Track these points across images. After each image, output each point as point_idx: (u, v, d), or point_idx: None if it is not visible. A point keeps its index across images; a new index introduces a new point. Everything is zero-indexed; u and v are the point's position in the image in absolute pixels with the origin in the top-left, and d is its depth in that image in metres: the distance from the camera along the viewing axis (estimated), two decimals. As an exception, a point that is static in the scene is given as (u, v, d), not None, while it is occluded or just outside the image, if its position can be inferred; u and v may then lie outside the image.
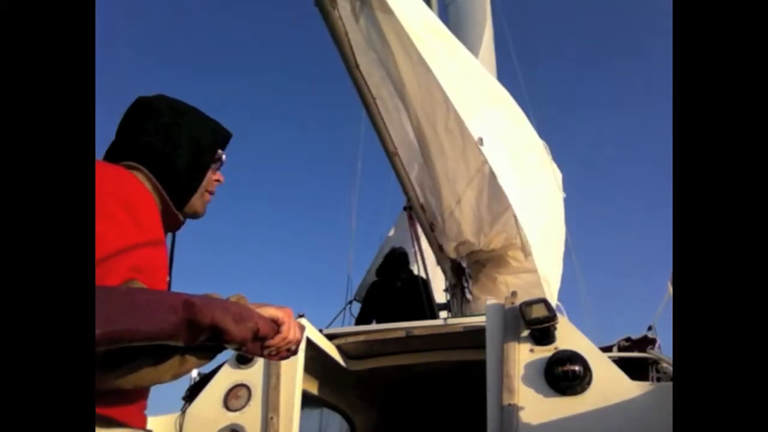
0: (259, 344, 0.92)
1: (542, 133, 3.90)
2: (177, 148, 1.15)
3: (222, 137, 1.26)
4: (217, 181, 1.25)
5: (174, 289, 1.13)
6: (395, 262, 4.44)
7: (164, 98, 1.21)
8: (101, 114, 0.96)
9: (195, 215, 1.22)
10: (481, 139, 2.84)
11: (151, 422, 2.10)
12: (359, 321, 4.37)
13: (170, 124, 1.16)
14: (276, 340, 0.94)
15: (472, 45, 6.23)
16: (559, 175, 4.28)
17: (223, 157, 1.25)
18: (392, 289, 4.25)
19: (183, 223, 1.19)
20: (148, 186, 1.09)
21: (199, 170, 1.19)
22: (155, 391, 1.05)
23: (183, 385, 2.74)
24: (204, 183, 1.20)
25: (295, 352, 1.02)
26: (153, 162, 1.11)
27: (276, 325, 0.94)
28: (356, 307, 5.01)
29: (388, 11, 2.51)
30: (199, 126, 1.21)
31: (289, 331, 0.96)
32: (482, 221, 3.54)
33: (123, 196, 0.96)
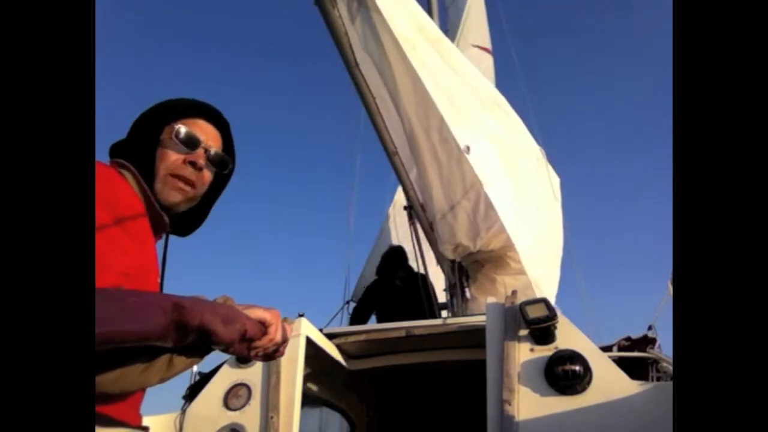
0: (246, 345, 0.93)
1: (541, 133, 3.91)
2: (129, 134, 1.12)
3: (173, 110, 1.13)
4: (191, 164, 1.11)
5: (167, 291, 1.12)
6: (394, 261, 4.43)
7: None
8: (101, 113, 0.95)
9: (170, 207, 1.11)
10: (468, 147, 2.84)
11: (151, 421, 2.12)
12: (353, 317, 4.37)
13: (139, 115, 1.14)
14: (263, 342, 0.95)
15: (469, 45, 6.24)
16: (556, 180, 4.28)
17: (182, 130, 1.11)
18: (392, 287, 4.26)
19: (168, 223, 1.12)
20: (134, 185, 1.06)
21: (142, 150, 1.09)
22: (155, 390, 1.05)
23: (183, 384, 2.75)
24: (163, 165, 1.09)
25: (282, 353, 1.03)
26: (124, 156, 1.09)
27: (263, 326, 0.95)
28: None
29: (383, 15, 2.51)
30: (153, 106, 1.14)
31: (276, 333, 0.97)
32: (478, 228, 3.54)
33: (108, 198, 0.93)
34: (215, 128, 1.19)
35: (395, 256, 4.47)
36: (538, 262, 3.64)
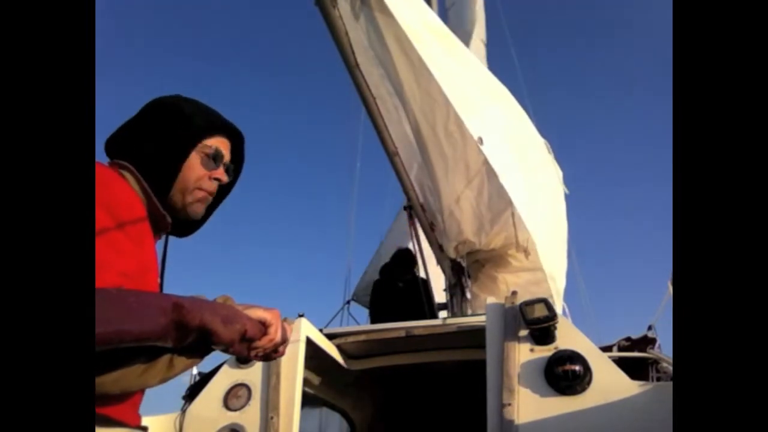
0: (246, 345, 0.93)
1: (542, 131, 3.91)
2: (148, 140, 1.10)
3: (208, 128, 1.16)
4: (216, 179, 1.16)
5: (167, 291, 1.12)
6: (401, 263, 4.41)
7: (172, 96, 1.16)
8: (101, 111, 0.95)
9: (186, 216, 1.14)
10: (480, 139, 2.84)
11: (151, 422, 2.12)
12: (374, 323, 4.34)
13: (150, 116, 1.13)
14: (263, 342, 0.95)
15: (474, 50, 6.24)
16: (560, 173, 4.28)
17: (222, 151, 1.16)
18: (394, 288, 4.25)
19: (170, 224, 1.13)
20: (134, 186, 1.06)
21: (169, 162, 1.10)
22: (155, 390, 1.05)
23: (183, 384, 2.75)
24: (188, 178, 1.12)
25: (282, 353, 1.03)
26: (133, 158, 1.09)
27: (263, 326, 0.95)
28: (354, 307, 5.03)
29: (387, 12, 2.50)
30: (179, 117, 1.13)
31: (276, 333, 0.97)
32: (483, 220, 3.54)
33: (106, 199, 0.93)
34: (229, 141, 1.23)
35: (403, 257, 4.44)
36: (552, 255, 3.63)
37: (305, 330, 2.35)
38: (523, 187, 3.23)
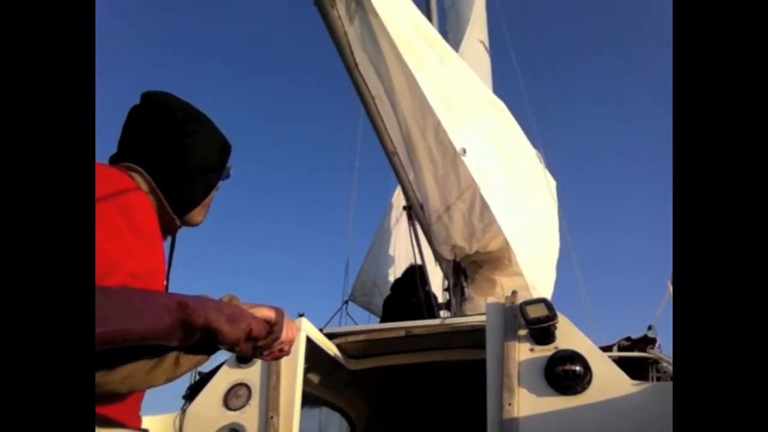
0: (252, 344, 0.93)
1: (542, 132, 3.92)
2: (187, 165, 1.13)
3: (229, 152, 1.26)
4: (216, 189, 1.25)
5: (174, 291, 1.13)
6: (413, 278, 4.34)
7: (174, 101, 1.18)
8: (100, 112, 0.95)
9: (194, 224, 1.22)
10: (463, 149, 2.84)
11: (151, 421, 2.12)
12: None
13: (183, 136, 1.14)
14: (268, 341, 0.95)
15: (469, 48, 6.24)
16: (552, 183, 4.29)
17: (231, 171, 1.26)
18: (406, 305, 4.19)
19: (179, 227, 1.17)
20: (145, 188, 1.07)
21: (208, 188, 1.19)
22: (155, 390, 1.05)
23: (183, 384, 2.75)
24: (211, 196, 1.22)
25: (287, 352, 1.03)
26: (159, 171, 1.09)
27: (269, 325, 0.95)
28: (352, 307, 5.04)
29: (379, 17, 2.51)
30: (211, 141, 1.19)
31: (282, 332, 0.97)
32: (474, 229, 3.54)
33: (118, 199, 0.94)
34: None
35: (416, 274, 4.37)
36: (535, 263, 3.64)
37: (305, 329, 2.35)
38: (511, 197, 3.23)
